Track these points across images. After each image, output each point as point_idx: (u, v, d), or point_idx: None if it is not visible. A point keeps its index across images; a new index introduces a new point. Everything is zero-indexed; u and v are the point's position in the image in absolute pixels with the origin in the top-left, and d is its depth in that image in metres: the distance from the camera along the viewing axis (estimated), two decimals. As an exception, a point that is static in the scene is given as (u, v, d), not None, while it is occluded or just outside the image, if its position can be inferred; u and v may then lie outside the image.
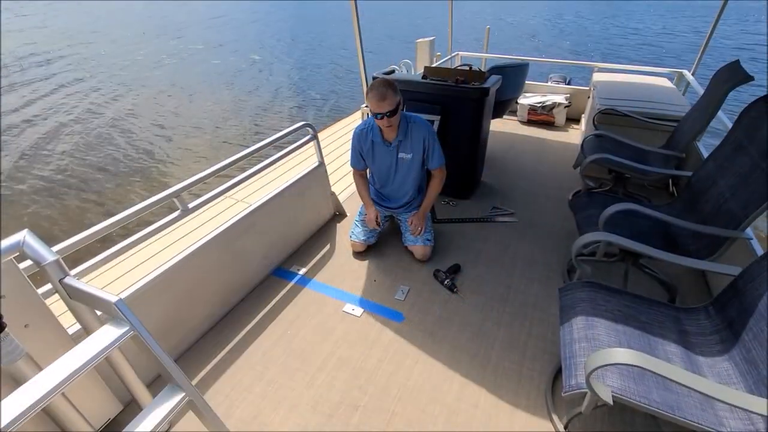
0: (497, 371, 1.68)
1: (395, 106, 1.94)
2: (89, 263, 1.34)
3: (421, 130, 2.11)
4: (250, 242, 2.06)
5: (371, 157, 2.23)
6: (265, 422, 1.51)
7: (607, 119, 2.94)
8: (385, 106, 1.92)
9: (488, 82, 2.60)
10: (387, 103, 1.91)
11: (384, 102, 1.91)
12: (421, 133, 2.11)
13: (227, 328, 1.92)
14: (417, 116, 2.16)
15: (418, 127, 2.11)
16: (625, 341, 1.27)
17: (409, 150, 2.15)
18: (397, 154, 2.16)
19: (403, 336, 1.85)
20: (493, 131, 3.29)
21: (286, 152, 2.23)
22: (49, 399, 0.88)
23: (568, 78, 4.93)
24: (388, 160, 2.20)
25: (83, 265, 1.33)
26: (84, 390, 1.34)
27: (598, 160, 2.19)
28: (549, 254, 2.37)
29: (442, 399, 1.58)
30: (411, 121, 2.12)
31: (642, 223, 1.95)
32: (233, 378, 1.68)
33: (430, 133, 2.13)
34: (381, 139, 2.12)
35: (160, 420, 1.07)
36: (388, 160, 2.20)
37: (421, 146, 2.13)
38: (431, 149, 2.15)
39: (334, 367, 1.71)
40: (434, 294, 2.09)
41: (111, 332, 1.00)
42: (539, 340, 1.82)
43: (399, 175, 2.25)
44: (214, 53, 14.34)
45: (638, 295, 1.46)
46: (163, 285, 1.62)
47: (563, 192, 3.00)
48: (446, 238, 2.52)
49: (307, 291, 2.13)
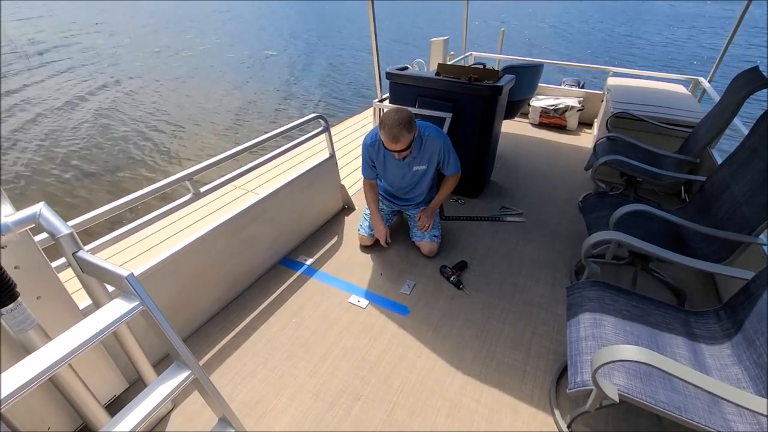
0: (501, 368, 1.67)
1: (408, 144, 1.90)
2: (102, 240, 1.36)
3: (436, 144, 2.07)
4: (259, 230, 2.08)
5: (383, 167, 2.21)
6: (267, 407, 1.52)
7: (620, 123, 2.91)
8: (397, 146, 1.89)
9: (501, 81, 2.59)
10: (400, 144, 1.88)
11: (397, 143, 1.87)
12: (435, 146, 2.07)
13: (233, 313, 1.93)
14: (431, 128, 2.08)
15: (432, 141, 2.06)
16: (633, 341, 1.26)
17: (424, 162, 2.13)
18: (412, 168, 2.15)
19: (407, 329, 1.85)
20: (504, 132, 3.29)
21: (298, 143, 2.24)
22: (56, 369, 0.89)
23: (581, 81, 4.90)
24: (401, 171, 2.19)
25: (96, 242, 1.35)
26: (91, 366, 1.36)
27: (610, 161, 2.18)
28: (556, 255, 2.35)
29: (444, 393, 1.58)
30: (425, 136, 2.05)
31: (653, 226, 1.93)
32: (237, 362, 1.69)
33: (445, 144, 2.09)
34: (392, 155, 2.04)
35: (165, 396, 1.08)
36: (401, 172, 2.19)
37: (436, 158, 2.12)
38: (446, 158, 2.13)
39: (338, 357, 1.72)
40: (440, 289, 2.09)
41: (121, 306, 1.01)
42: (544, 339, 1.81)
43: (412, 183, 2.25)
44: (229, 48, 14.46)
45: (647, 296, 1.45)
46: (172, 267, 1.64)
47: (573, 195, 2.97)
48: (454, 235, 2.51)
49: (313, 281, 2.14)
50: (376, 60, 3.05)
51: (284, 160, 3.41)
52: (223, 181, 1.79)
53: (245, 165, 1.95)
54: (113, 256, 2.27)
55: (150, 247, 2.38)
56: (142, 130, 7.00)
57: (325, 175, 2.52)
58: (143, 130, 7.00)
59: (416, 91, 2.74)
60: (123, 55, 12.61)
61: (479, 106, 2.56)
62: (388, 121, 1.85)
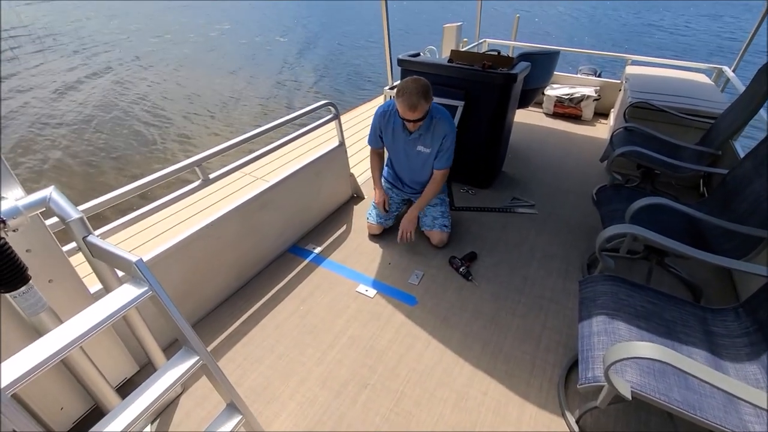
0: (509, 361, 1.65)
1: (425, 114, 1.88)
2: (111, 225, 1.37)
3: (444, 128, 2.03)
4: (268, 218, 2.07)
5: (390, 141, 2.19)
6: (275, 394, 1.53)
7: (638, 113, 2.82)
8: (414, 114, 1.86)
9: (516, 68, 2.52)
10: (417, 113, 1.85)
11: (414, 111, 1.84)
12: (443, 130, 2.03)
13: (242, 299, 1.94)
14: (443, 112, 2.06)
15: (442, 124, 2.02)
16: (647, 338, 1.23)
17: (428, 144, 2.09)
18: (416, 147, 2.11)
19: (414, 319, 1.84)
20: (516, 122, 3.21)
21: (307, 130, 2.22)
22: (67, 352, 0.90)
23: (598, 70, 4.76)
24: (406, 149, 2.16)
25: (106, 227, 1.35)
26: (103, 348, 1.37)
27: (627, 153, 2.11)
28: (568, 248, 2.31)
29: (452, 384, 1.57)
30: (436, 116, 2.02)
31: (670, 220, 1.88)
32: (245, 348, 1.71)
33: (451, 132, 2.05)
34: (402, 128, 2.06)
35: (174, 381, 1.08)
36: (407, 149, 2.16)
37: (440, 143, 2.07)
38: (445, 149, 2.07)
39: (345, 345, 1.72)
40: (449, 280, 2.07)
41: (130, 291, 1.01)
42: (554, 332, 1.78)
43: (416, 165, 2.21)
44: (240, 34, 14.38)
45: (662, 292, 1.41)
46: (181, 252, 1.64)
47: (587, 187, 2.91)
48: (463, 226, 2.48)
49: (321, 270, 2.14)
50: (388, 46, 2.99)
51: (294, 148, 3.39)
52: (231, 168, 1.78)
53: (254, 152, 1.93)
54: (124, 241, 2.29)
55: (161, 232, 2.40)
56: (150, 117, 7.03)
57: (335, 163, 2.50)
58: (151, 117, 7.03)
59: (428, 79, 2.65)
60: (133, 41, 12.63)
61: (493, 94, 2.50)
62: (406, 89, 1.82)
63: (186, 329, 1.10)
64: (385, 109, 2.13)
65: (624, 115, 2.77)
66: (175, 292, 1.66)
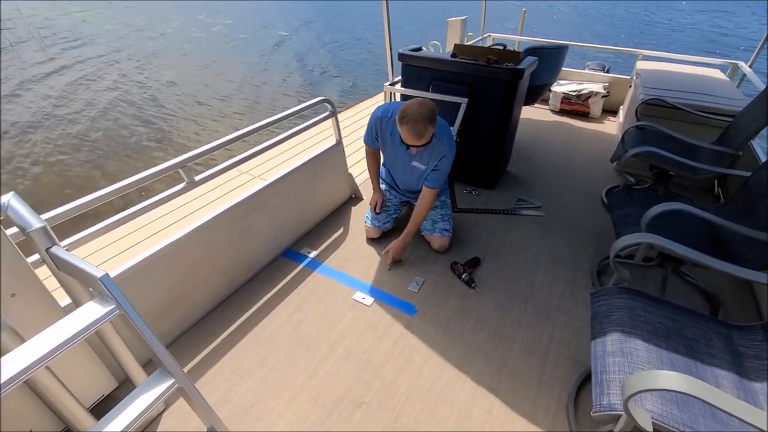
0: (514, 376, 1.55)
1: (429, 140, 1.76)
2: (83, 233, 1.26)
3: (443, 149, 1.87)
4: (260, 221, 1.97)
5: (385, 148, 2.07)
6: (264, 411, 1.43)
7: (651, 111, 2.69)
8: (421, 141, 1.73)
9: (523, 63, 2.39)
10: (424, 139, 1.72)
11: (421, 140, 1.71)
12: (442, 151, 1.88)
13: (232, 307, 1.84)
14: (445, 133, 1.89)
15: (441, 145, 1.87)
16: (667, 359, 1.12)
17: (425, 161, 1.95)
18: (411, 161, 1.99)
19: (414, 330, 1.74)
20: (522, 119, 3.09)
21: (302, 128, 2.11)
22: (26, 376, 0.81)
23: (606, 66, 4.61)
24: (401, 160, 2.03)
25: (76, 236, 1.25)
26: (76, 364, 1.28)
27: (641, 153, 1.99)
28: (577, 252, 2.20)
29: (453, 401, 1.46)
30: (437, 136, 1.84)
31: (688, 225, 1.76)
32: (234, 360, 1.61)
33: (449, 154, 1.88)
34: (400, 141, 1.86)
35: (147, 406, 0.99)
36: (402, 161, 2.04)
37: (436, 163, 1.92)
38: (441, 168, 1.92)
39: (340, 358, 1.62)
40: (450, 287, 1.96)
41: (95, 310, 0.92)
42: (562, 345, 1.67)
43: (411, 176, 2.09)
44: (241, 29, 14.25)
45: (682, 306, 1.30)
46: (167, 259, 1.55)
47: (595, 187, 2.79)
48: (466, 229, 2.37)
49: (317, 275, 2.03)
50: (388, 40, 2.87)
51: (289, 147, 3.27)
52: (220, 169, 1.68)
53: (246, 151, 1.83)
54: (105, 248, 2.17)
55: (146, 237, 2.29)
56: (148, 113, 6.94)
57: (332, 162, 2.39)
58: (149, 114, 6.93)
59: (430, 74, 2.56)
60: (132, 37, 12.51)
61: (498, 90, 2.38)
62: (412, 116, 1.65)
63: (160, 350, 1.00)
64: (383, 114, 1.97)
65: (636, 112, 2.64)
66: (160, 300, 1.56)
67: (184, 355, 1.62)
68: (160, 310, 1.57)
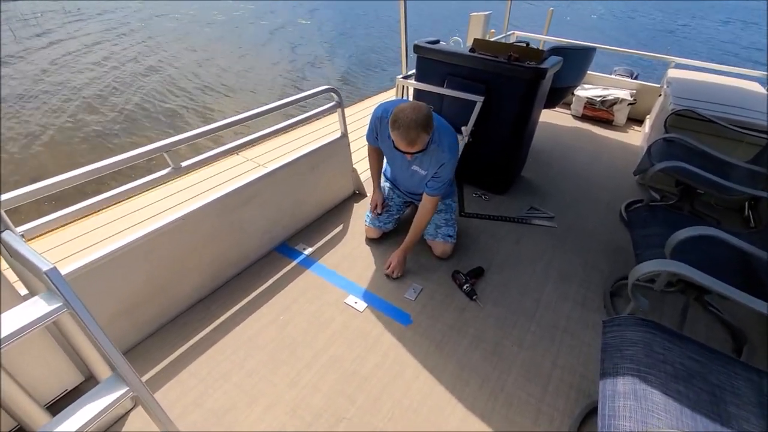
0: (511, 403, 1.42)
1: (425, 146, 1.63)
2: (48, 218, 1.15)
3: (443, 156, 1.73)
4: (253, 213, 1.86)
5: (386, 149, 1.94)
6: (237, 418, 1.33)
7: (681, 122, 2.50)
8: (413, 149, 1.60)
9: (546, 63, 2.23)
10: (416, 147, 1.59)
11: (413, 147, 1.59)
12: (442, 158, 1.74)
13: (216, 303, 1.74)
14: (446, 133, 1.76)
15: (441, 152, 1.73)
16: (687, 408, 0.98)
17: (425, 167, 1.82)
18: (411, 165, 1.86)
19: (406, 342, 1.62)
20: (540, 122, 2.92)
21: (305, 117, 1.99)
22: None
23: (635, 72, 4.38)
24: (401, 163, 1.91)
25: (38, 221, 1.14)
26: (35, 357, 1.19)
27: (670, 168, 1.82)
28: (589, 270, 2.04)
29: (441, 426, 1.34)
30: (436, 142, 1.71)
31: (715, 252, 1.59)
32: (212, 361, 1.51)
33: (450, 161, 1.75)
34: None
35: (96, 414, 0.89)
36: (402, 164, 1.91)
37: (436, 169, 1.78)
38: (441, 176, 1.78)
39: (324, 366, 1.51)
40: (449, 298, 1.83)
41: (39, 307, 0.82)
42: (566, 372, 1.54)
43: (411, 180, 1.97)
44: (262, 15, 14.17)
45: (707, 346, 1.15)
46: (146, 248, 1.45)
47: (615, 200, 2.62)
48: (471, 236, 2.23)
49: (309, 274, 1.92)
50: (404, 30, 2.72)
51: (296, 137, 3.16)
52: (209, 156, 1.57)
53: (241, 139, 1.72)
54: (89, 233, 2.08)
55: (132, 225, 2.18)
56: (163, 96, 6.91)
57: (335, 156, 2.27)
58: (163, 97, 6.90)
59: (446, 69, 2.41)
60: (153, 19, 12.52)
61: (518, 90, 2.23)
62: (403, 121, 1.53)
63: (114, 355, 0.90)
64: (383, 114, 1.83)
65: (665, 123, 2.46)
66: (137, 290, 1.47)
67: (160, 351, 1.53)
68: (134, 301, 1.48)
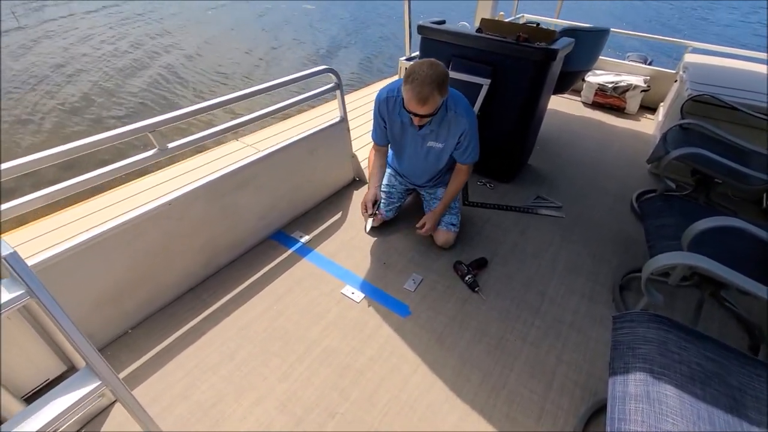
0: (513, 401, 1.35)
1: (436, 109, 1.52)
2: (22, 200, 1.08)
3: (462, 124, 1.66)
4: (247, 198, 1.79)
5: (395, 133, 1.84)
6: (225, 413, 1.28)
7: (698, 109, 2.38)
8: (423, 109, 1.49)
9: (557, 43, 2.11)
10: (427, 107, 1.48)
11: (424, 105, 1.48)
12: (460, 127, 1.67)
13: (208, 291, 1.68)
14: (461, 104, 1.66)
15: (459, 120, 1.65)
16: (705, 413, 0.90)
17: (442, 140, 1.73)
18: (426, 142, 1.76)
19: (404, 335, 1.55)
20: (549, 108, 2.80)
21: (303, 98, 1.90)
22: None
23: (649, 58, 4.22)
24: (413, 143, 1.81)
25: (9, 203, 1.07)
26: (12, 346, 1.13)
27: (687, 155, 1.72)
28: (598, 262, 1.95)
29: (438, 424, 1.28)
30: (451, 109, 1.64)
31: (734, 244, 1.50)
32: (200, 352, 1.45)
33: (471, 127, 1.68)
34: (410, 120, 1.66)
35: (66, 408, 0.83)
36: (414, 144, 1.81)
37: (456, 139, 1.71)
38: (467, 144, 1.72)
39: (317, 359, 1.44)
40: (451, 289, 1.76)
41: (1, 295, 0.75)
42: (571, 368, 1.46)
43: (426, 162, 1.87)
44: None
45: (727, 345, 1.07)
46: (130, 234, 1.39)
47: (626, 190, 2.51)
48: (475, 226, 2.14)
49: (305, 263, 1.86)
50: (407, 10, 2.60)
51: (296, 124, 3.07)
52: (197, 138, 1.49)
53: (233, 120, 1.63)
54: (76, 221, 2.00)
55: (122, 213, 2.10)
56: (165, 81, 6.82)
57: (334, 140, 2.18)
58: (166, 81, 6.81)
59: (451, 50, 2.30)
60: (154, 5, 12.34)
61: (526, 72, 2.11)
62: (418, 75, 1.43)
63: (84, 345, 0.83)
64: (388, 94, 1.73)
65: (681, 109, 2.33)
66: (121, 277, 1.41)
67: (147, 340, 1.48)
68: (120, 289, 1.42)
